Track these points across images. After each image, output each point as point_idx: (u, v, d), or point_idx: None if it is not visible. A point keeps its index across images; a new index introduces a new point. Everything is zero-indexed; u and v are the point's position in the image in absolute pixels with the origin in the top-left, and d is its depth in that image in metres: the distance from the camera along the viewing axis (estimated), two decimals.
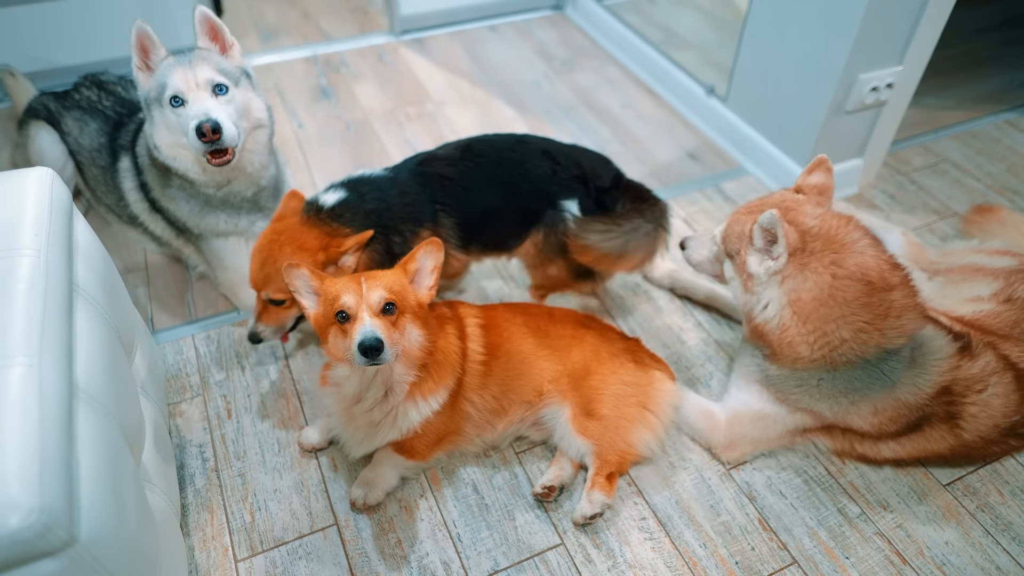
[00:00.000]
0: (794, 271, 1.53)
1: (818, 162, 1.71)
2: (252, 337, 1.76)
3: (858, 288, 1.49)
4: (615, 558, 1.57)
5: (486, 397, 1.64)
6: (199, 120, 1.67)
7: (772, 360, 1.64)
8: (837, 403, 1.60)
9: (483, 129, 2.86)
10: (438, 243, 1.49)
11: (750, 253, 1.60)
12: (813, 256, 1.52)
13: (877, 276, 1.50)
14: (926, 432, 1.61)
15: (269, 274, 1.65)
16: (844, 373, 1.56)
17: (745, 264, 1.61)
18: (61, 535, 0.95)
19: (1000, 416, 1.59)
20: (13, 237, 1.22)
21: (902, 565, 1.56)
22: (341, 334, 1.40)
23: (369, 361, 1.33)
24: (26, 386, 1.02)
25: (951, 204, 2.54)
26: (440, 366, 1.55)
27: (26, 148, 2.21)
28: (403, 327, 1.44)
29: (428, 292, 1.51)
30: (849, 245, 1.52)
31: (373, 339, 1.31)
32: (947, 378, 1.56)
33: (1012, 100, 3.07)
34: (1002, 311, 1.75)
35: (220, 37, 1.84)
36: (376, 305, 1.37)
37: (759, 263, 1.58)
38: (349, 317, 1.37)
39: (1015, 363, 1.62)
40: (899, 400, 1.56)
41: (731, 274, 1.68)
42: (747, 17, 2.52)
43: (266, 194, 1.98)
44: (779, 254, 1.53)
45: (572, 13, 3.66)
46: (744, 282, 1.63)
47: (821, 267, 1.51)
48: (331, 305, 1.40)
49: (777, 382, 1.66)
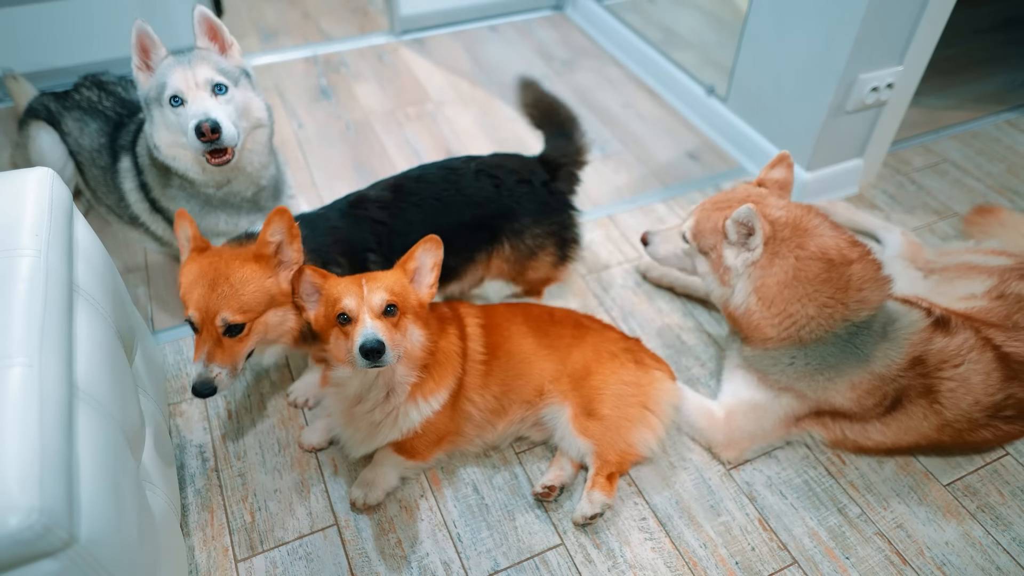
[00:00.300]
0: (765, 260, 1.60)
1: (780, 158, 1.78)
2: (203, 387, 1.39)
3: (818, 266, 1.57)
4: (615, 558, 1.57)
5: (487, 397, 1.64)
6: (198, 120, 1.67)
7: (746, 343, 1.72)
8: (815, 380, 1.65)
9: (483, 129, 2.86)
10: (437, 240, 1.49)
11: (725, 247, 1.65)
12: (782, 244, 1.59)
13: (836, 254, 1.58)
14: (907, 409, 1.64)
15: (226, 292, 1.40)
16: (815, 349, 1.63)
17: (722, 259, 1.66)
18: (61, 535, 0.95)
19: (981, 393, 1.61)
20: (13, 237, 1.22)
21: (902, 565, 1.56)
22: (343, 336, 1.40)
23: (371, 363, 1.32)
24: (26, 386, 1.01)
25: (951, 204, 2.54)
26: (441, 366, 1.55)
27: (26, 148, 2.21)
28: (404, 328, 1.43)
29: (428, 291, 1.50)
30: (811, 230, 1.60)
31: (375, 341, 1.31)
32: (919, 350, 1.61)
33: (1012, 100, 3.07)
34: (994, 307, 1.78)
35: (219, 37, 1.84)
36: (378, 307, 1.37)
37: (735, 256, 1.63)
38: (350, 319, 1.37)
39: (998, 345, 1.64)
40: (873, 373, 1.61)
41: (705, 269, 1.73)
42: (747, 17, 2.52)
43: (266, 194, 1.98)
44: (756, 246, 1.59)
45: (572, 13, 3.66)
46: (720, 276, 1.68)
47: (787, 252, 1.58)
48: (332, 307, 1.40)
49: (754, 362, 1.72)
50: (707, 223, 1.69)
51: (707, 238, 1.69)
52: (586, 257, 2.31)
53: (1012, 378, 1.62)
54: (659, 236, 1.85)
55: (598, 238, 2.38)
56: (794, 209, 1.63)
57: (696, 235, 1.72)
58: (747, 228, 1.59)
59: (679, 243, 1.79)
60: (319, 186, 2.56)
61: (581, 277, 2.24)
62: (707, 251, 1.71)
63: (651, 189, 2.60)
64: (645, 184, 2.62)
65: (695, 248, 1.74)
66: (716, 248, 1.67)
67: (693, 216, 1.75)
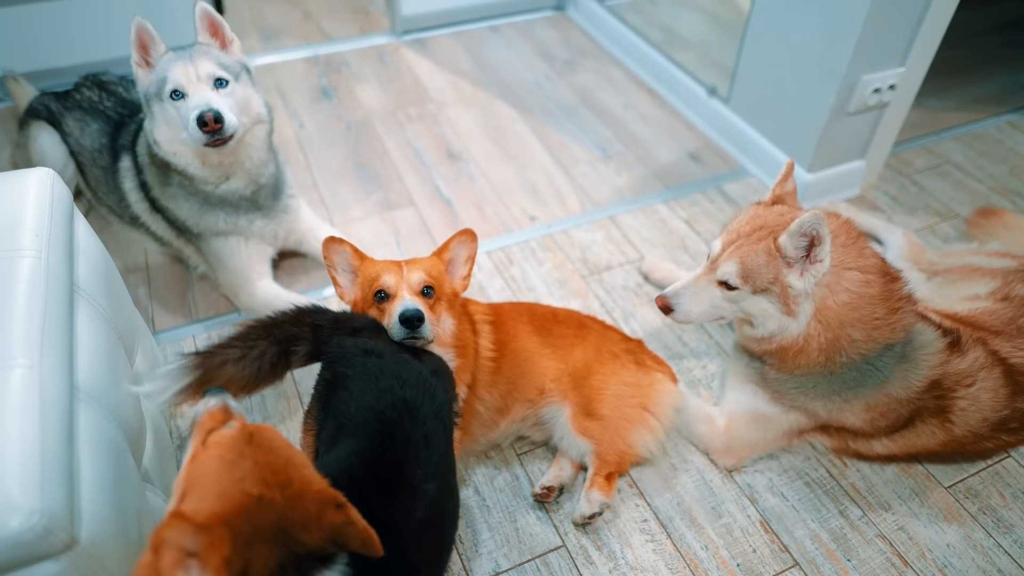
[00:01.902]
0: (830, 276, 1.47)
1: (789, 167, 1.64)
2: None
3: (880, 283, 1.48)
4: (616, 560, 1.57)
5: (494, 395, 1.64)
6: (200, 110, 1.67)
7: (775, 368, 1.63)
8: (831, 401, 1.61)
9: (484, 129, 2.86)
10: (472, 233, 1.54)
11: (787, 274, 1.47)
12: (845, 252, 1.48)
13: (887, 267, 1.51)
14: (917, 427, 1.62)
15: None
16: (840, 374, 1.56)
17: (787, 288, 1.48)
18: (62, 537, 0.95)
19: (989, 410, 1.60)
20: (14, 238, 1.22)
21: (904, 567, 1.56)
22: (379, 314, 1.43)
23: (409, 333, 1.35)
24: (27, 387, 1.01)
25: (953, 206, 2.54)
26: (464, 360, 1.56)
27: (27, 148, 2.20)
28: (439, 313, 1.47)
29: (462, 282, 1.56)
30: (859, 242, 1.52)
31: (414, 308, 1.35)
32: (937, 372, 1.57)
33: (1015, 102, 3.06)
34: (998, 309, 1.76)
35: (220, 33, 1.85)
36: (416, 286, 1.42)
37: (799, 277, 1.47)
38: (388, 296, 1.41)
39: (1004, 358, 1.63)
40: (890, 396, 1.57)
41: (762, 308, 1.53)
42: (749, 18, 2.52)
43: (265, 192, 1.98)
44: (824, 256, 1.43)
45: (573, 13, 3.66)
46: (788, 308, 1.50)
47: (852, 263, 1.47)
48: (370, 285, 1.43)
49: (775, 384, 1.66)
50: (757, 257, 1.49)
51: (763, 273, 1.48)
52: (587, 258, 2.30)
53: (1019, 392, 1.61)
54: (684, 296, 1.61)
55: (599, 239, 2.38)
56: (834, 220, 1.52)
57: (747, 276, 1.50)
58: (809, 238, 1.42)
59: (715, 293, 1.57)
60: (320, 186, 2.56)
61: (582, 278, 2.24)
62: (766, 287, 1.49)
63: (652, 190, 2.59)
64: (646, 185, 2.62)
65: (747, 291, 1.52)
66: (778, 279, 1.47)
67: (730, 260, 1.53)
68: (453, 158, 2.72)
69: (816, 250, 1.43)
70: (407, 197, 2.54)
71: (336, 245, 1.51)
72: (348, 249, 1.51)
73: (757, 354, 1.67)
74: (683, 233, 2.41)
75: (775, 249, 1.47)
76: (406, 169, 2.66)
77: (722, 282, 1.54)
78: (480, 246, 2.32)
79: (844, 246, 1.49)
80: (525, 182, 2.61)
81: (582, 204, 2.52)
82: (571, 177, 2.64)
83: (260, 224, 2.00)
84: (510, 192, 2.57)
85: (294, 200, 2.12)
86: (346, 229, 2.39)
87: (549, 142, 2.81)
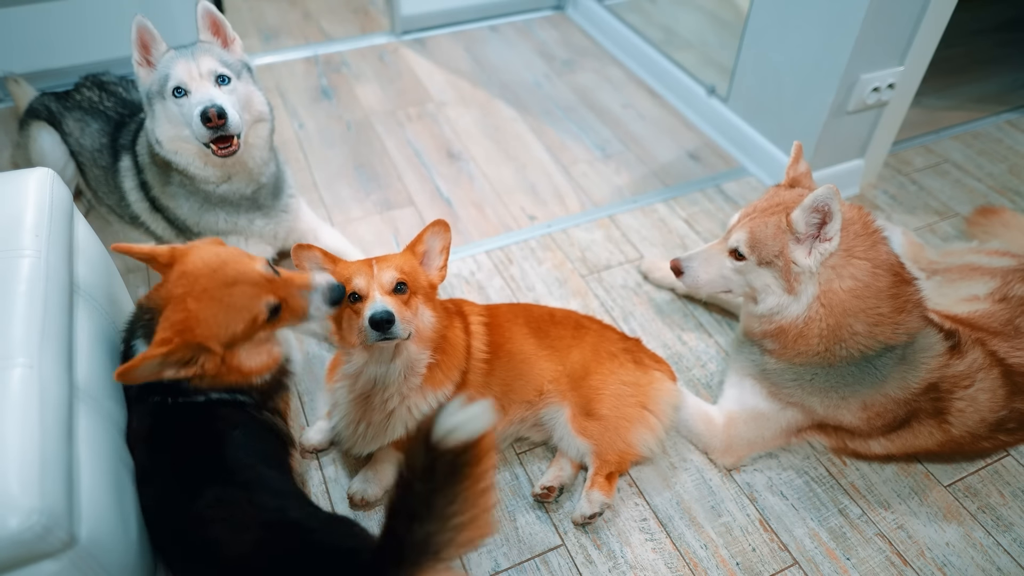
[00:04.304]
0: (839, 259, 1.47)
1: (799, 149, 1.66)
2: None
3: (888, 279, 1.48)
4: (616, 559, 1.57)
5: (488, 397, 1.64)
6: (204, 106, 1.67)
7: (775, 355, 1.64)
8: (828, 398, 1.61)
9: (483, 129, 2.86)
10: (445, 223, 1.53)
11: (794, 249, 1.49)
12: (857, 240, 1.48)
13: (901, 268, 1.50)
14: (915, 428, 1.62)
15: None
16: (839, 368, 1.57)
17: (791, 264, 1.50)
18: (61, 536, 0.95)
19: (987, 411, 1.60)
20: (14, 238, 1.22)
21: (903, 566, 1.56)
22: (355, 315, 1.43)
23: (381, 335, 1.35)
24: (26, 387, 1.01)
25: (952, 205, 2.54)
26: (449, 358, 1.56)
27: (27, 148, 2.21)
28: (415, 307, 1.46)
29: (439, 273, 1.54)
30: (874, 236, 1.51)
31: (383, 311, 1.34)
32: (936, 375, 1.57)
33: (1014, 101, 3.06)
34: (996, 310, 1.76)
35: (222, 32, 1.85)
36: (387, 285, 1.41)
37: (806, 254, 1.48)
38: (361, 297, 1.41)
39: (1002, 359, 1.63)
40: (887, 396, 1.57)
41: (766, 282, 1.57)
42: (748, 17, 2.52)
43: (266, 192, 1.98)
44: (833, 234, 1.44)
45: (573, 13, 3.66)
46: (789, 284, 1.52)
47: (862, 252, 1.47)
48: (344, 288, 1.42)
49: (773, 376, 1.66)
50: (766, 229, 1.52)
51: (769, 245, 1.52)
52: (587, 258, 2.31)
53: (1016, 393, 1.61)
54: (696, 261, 1.66)
55: (599, 238, 2.38)
56: (852, 208, 1.52)
57: (754, 246, 1.54)
58: (822, 214, 1.43)
59: (724, 263, 1.61)
60: (320, 186, 2.56)
61: (582, 277, 2.24)
62: (771, 260, 1.53)
63: (652, 189, 2.60)
64: (646, 184, 2.62)
65: (753, 262, 1.56)
66: (783, 253, 1.50)
67: (742, 229, 1.57)
68: (453, 158, 2.72)
69: (826, 228, 1.45)
70: (407, 197, 2.54)
71: (306, 251, 1.49)
72: (318, 254, 1.49)
73: (758, 336, 1.66)
74: (682, 232, 2.41)
75: (786, 223, 1.50)
76: (406, 169, 2.67)
77: (732, 251, 1.59)
78: (480, 246, 2.34)
79: (858, 235, 1.49)
80: (524, 182, 2.62)
81: (581, 203, 2.53)
82: (570, 176, 2.65)
83: (260, 224, 2.00)
84: (509, 192, 2.57)
85: (294, 200, 2.12)
86: (346, 229, 2.39)
87: (548, 142, 2.81)
